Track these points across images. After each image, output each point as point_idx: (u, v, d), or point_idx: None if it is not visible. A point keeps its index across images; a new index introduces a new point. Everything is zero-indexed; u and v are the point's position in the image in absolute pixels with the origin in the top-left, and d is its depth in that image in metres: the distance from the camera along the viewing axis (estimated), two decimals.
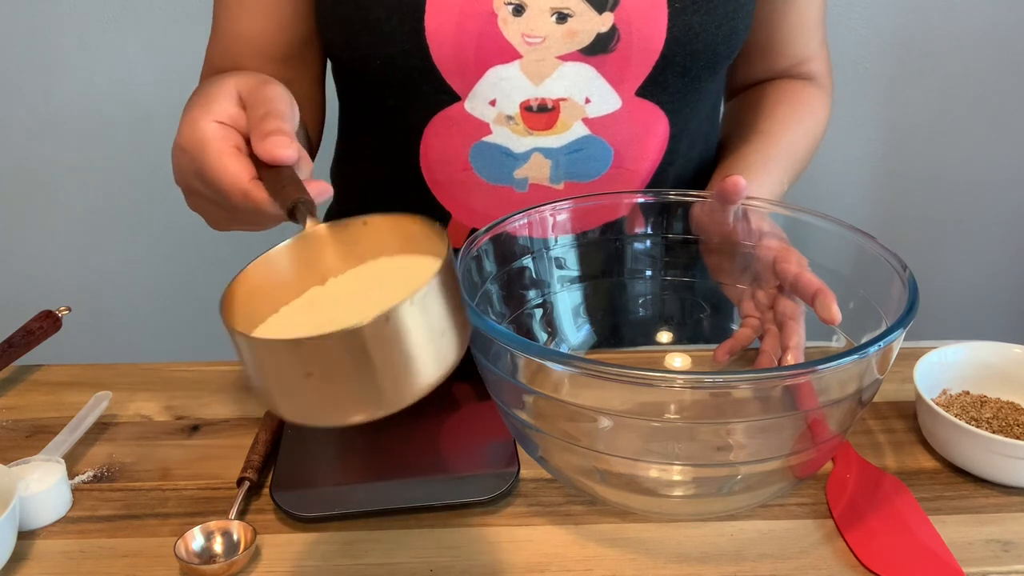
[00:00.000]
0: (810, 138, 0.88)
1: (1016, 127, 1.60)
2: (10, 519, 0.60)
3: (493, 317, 0.71)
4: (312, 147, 0.85)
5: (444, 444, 0.73)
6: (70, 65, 1.52)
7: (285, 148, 0.53)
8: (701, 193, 0.76)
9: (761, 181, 0.79)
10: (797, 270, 0.68)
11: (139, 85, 1.54)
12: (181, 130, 0.59)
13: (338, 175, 0.93)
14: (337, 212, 0.94)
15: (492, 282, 0.72)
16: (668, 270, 0.79)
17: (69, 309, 0.87)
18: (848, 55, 1.46)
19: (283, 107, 0.56)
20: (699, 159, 0.87)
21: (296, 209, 0.53)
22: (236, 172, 0.55)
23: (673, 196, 0.77)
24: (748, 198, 0.73)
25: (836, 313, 0.64)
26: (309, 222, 0.51)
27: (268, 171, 0.55)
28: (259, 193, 0.54)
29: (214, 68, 0.81)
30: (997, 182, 1.64)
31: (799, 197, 0.83)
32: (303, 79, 0.83)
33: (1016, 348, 0.75)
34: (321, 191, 0.55)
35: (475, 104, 0.76)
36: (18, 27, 1.49)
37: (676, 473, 0.62)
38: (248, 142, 0.57)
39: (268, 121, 0.55)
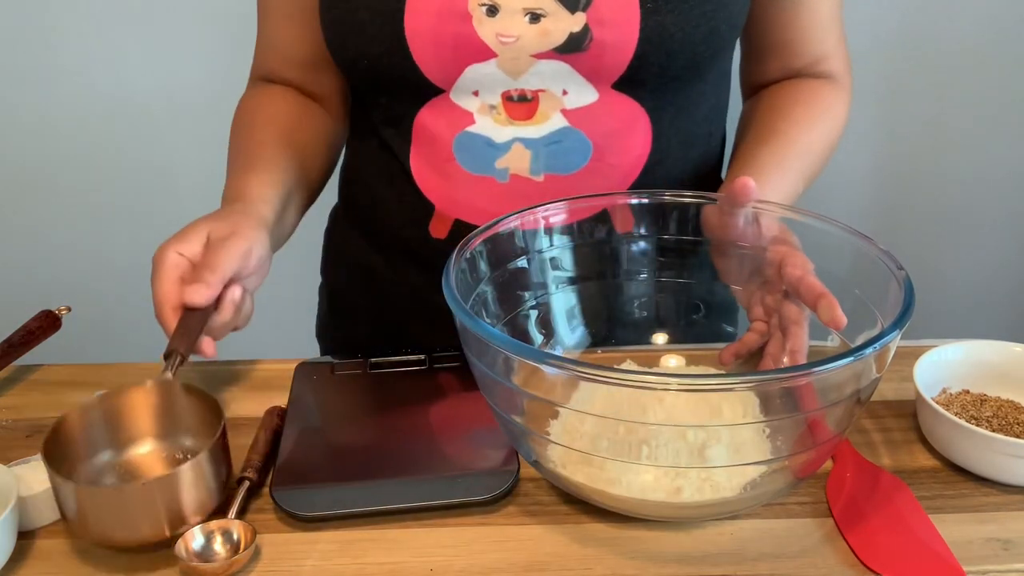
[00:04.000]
0: (827, 139, 0.87)
1: (1016, 126, 1.59)
2: (10, 519, 0.60)
3: (488, 320, 0.71)
4: (311, 182, 0.89)
5: (444, 443, 0.73)
6: (71, 65, 1.52)
7: (193, 294, 0.68)
8: (697, 193, 0.76)
9: (776, 183, 0.78)
10: (801, 274, 0.67)
11: (140, 85, 1.54)
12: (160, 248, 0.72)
13: (346, 164, 0.96)
14: (344, 197, 0.96)
15: (487, 284, 0.72)
16: (663, 271, 0.79)
17: (69, 309, 0.87)
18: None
19: (221, 261, 0.70)
20: (698, 161, 0.87)
21: (168, 355, 0.68)
22: (164, 294, 0.69)
23: (668, 197, 0.77)
24: (759, 202, 0.73)
25: (841, 317, 0.63)
26: (165, 374, 0.67)
27: (188, 310, 0.69)
28: (168, 321, 0.69)
29: (256, 74, 0.93)
30: (997, 181, 1.64)
31: (800, 198, 0.83)
32: (327, 81, 0.90)
33: (1016, 347, 0.75)
34: (207, 350, 0.70)
35: (459, 95, 0.78)
36: (19, 27, 1.49)
37: (672, 475, 0.62)
38: None
39: (198, 270, 0.70)
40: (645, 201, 0.77)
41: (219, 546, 0.62)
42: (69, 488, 0.59)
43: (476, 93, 0.78)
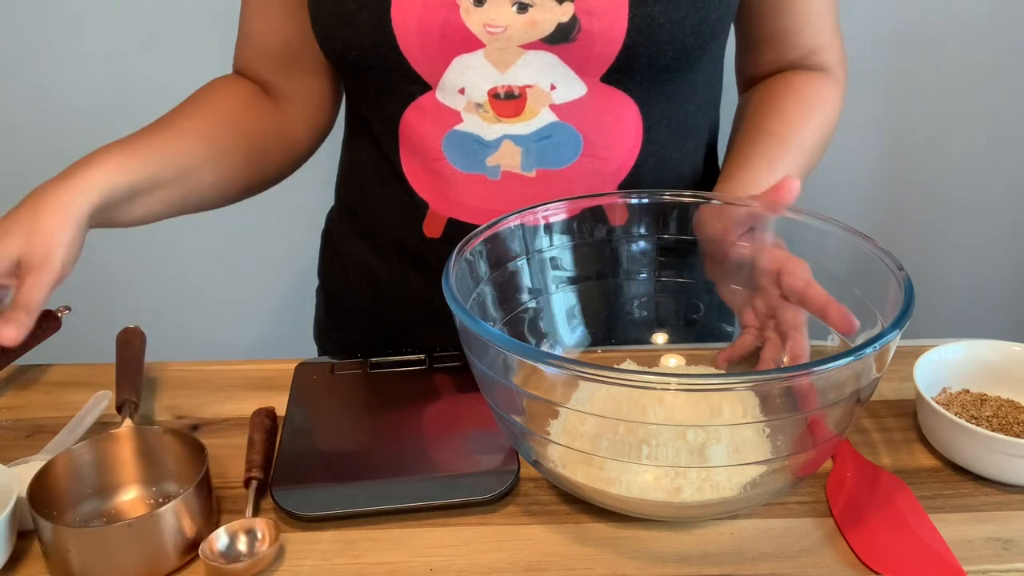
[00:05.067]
0: (821, 133, 0.87)
1: (1016, 127, 1.59)
2: (10, 519, 0.60)
3: (488, 320, 0.71)
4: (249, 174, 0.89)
5: (444, 443, 0.73)
6: (71, 65, 1.52)
7: (9, 334, 0.70)
8: (697, 193, 0.76)
9: (768, 186, 0.78)
10: (803, 285, 0.68)
11: (140, 85, 1.54)
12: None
13: (342, 166, 0.96)
14: (340, 199, 0.96)
15: (486, 284, 0.72)
16: (663, 271, 0.79)
17: (69, 309, 0.87)
18: (847, 54, 1.46)
19: (36, 302, 0.71)
20: (692, 152, 0.86)
21: (120, 407, 0.72)
22: None
23: (668, 197, 0.77)
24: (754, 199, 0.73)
25: (853, 320, 0.64)
26: (124, 423, 0.69)
27: (122, 358, 0.78)
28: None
29: (236, 65, 0.93)
30: (997, 181, 1.64)
31: (798, 196, 0.83)
32: (297, 82, 0.90)
33: (1016, 346, 0.75)
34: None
35: (445, 93, 0.78)
36: (19, 27, 1.49)
37: (672, 475, 0.62)
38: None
39: (15, 310, 0.71)
40: (645, 201, 0.77)
41: (243, 545, 0.62)
42: (50, 530, 0.59)
43: (462, 91, 0.77)
